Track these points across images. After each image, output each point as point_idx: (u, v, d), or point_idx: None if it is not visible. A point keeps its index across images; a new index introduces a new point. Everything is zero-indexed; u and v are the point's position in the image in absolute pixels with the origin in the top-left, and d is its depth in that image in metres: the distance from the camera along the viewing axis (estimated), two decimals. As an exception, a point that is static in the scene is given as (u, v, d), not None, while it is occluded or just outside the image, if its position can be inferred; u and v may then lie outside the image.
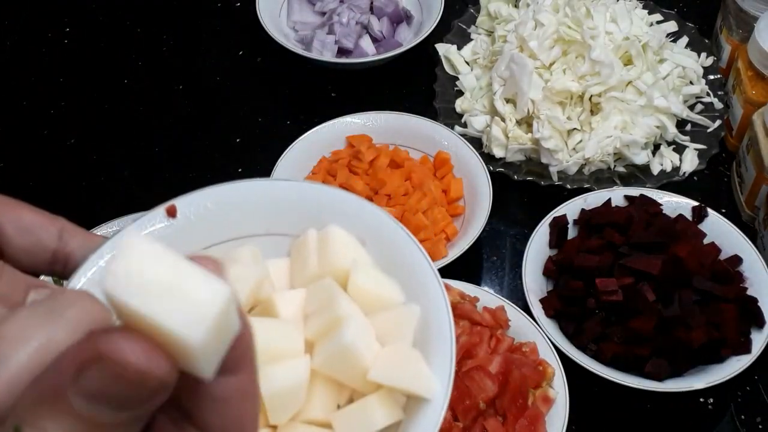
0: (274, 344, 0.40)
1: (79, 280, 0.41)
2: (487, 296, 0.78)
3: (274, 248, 0.45)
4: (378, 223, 0.45)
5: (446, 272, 0.81)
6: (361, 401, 0.40)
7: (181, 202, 0.45)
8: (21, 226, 0.40)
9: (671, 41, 1.02)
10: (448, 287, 0.77)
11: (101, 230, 0.84)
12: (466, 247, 0.82)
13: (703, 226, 0.83)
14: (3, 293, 0.36)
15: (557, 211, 0.84)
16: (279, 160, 0.90)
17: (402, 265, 0.43)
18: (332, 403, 0.41)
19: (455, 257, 0.82)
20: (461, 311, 0.75)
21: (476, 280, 0.87)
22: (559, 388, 0.72)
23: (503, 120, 0.94)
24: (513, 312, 0.76)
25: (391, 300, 0.42)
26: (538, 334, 0.75)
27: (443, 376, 0.40)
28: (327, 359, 0.40)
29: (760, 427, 0.77)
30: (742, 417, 0.77)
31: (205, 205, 0.45)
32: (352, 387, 0.41)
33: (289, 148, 0.91)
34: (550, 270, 0.81)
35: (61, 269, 0.41)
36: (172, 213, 0.44)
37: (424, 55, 1.06)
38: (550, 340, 0.74)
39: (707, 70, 1.00)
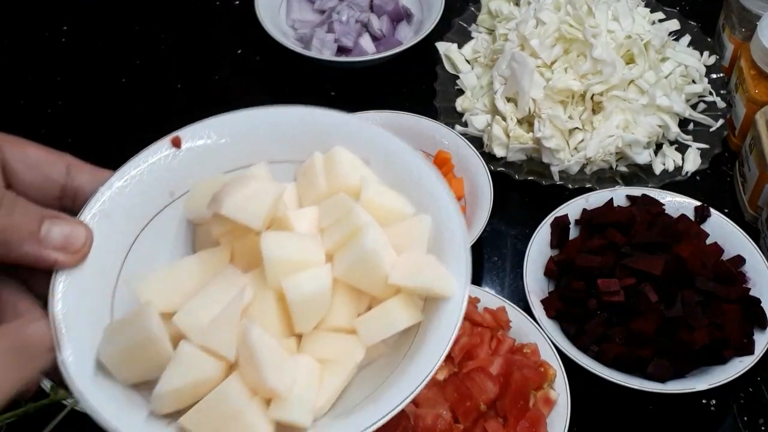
0: (296, 256, 0.41)
1: (90, 211, 0.42)
2: (487, 297, 0.77)
3: (279, 175, 0.47)
4: (382, 141, 0.47)
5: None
6: (382, 305, 0.42)
7: (185, 133, 0.46)
8: (28, 162, 0.41)
9: (673, 40, 1.01)
10: None
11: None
12: None
13: (706, 227, 0.82)
14: (18, 224, 0.38)
15: (559, 211, 0.83)
16: None
17: (409, 178, 0.46)
18: (354, 311, 0.43)
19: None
20: None
21: (477, 281, 0.86)
22: (561, 390, 0.71)
23: (504, 119, 0.93)
24: (514, 313, 0.76)
25: (402, 212, 0.44)
26: (539, 335, 0.74)
27: (460, 276, 0.42)
28: (348, 267, 0.42)
29: (762, 428, 0.76)
30: (745, 419, 0.77)
31: (209, 134, 0.46)
32: (372, 294, 0.43)
33: None
34: (551, 270, 0.80)
35: (71, 203, 0.43)
36: (177, 144, 0.46)
37: (425, 53, 1.06)
38: (551, 341, 0.74)
39: (710, 69, 1.00)
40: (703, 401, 0.78)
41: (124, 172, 0.44)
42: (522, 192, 0.93)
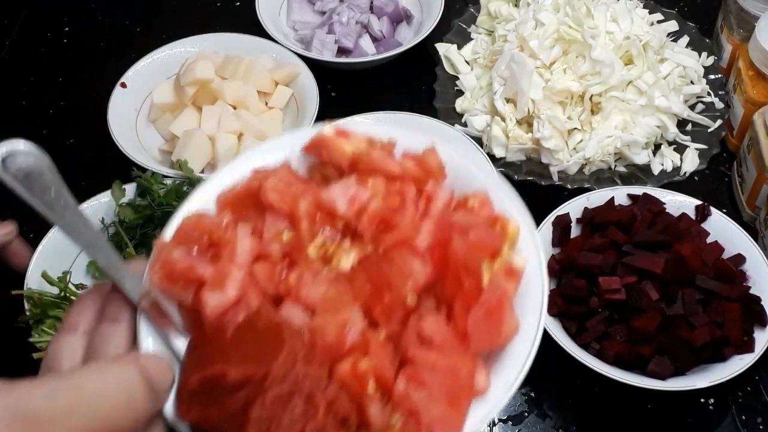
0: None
1: None
2: (409, 137, 0.53)
3: None
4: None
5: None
6: None
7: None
8: None
9: (672, 41, 1.02)
10: (347, 133, 0.53)
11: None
12: None
13: (707, 225, 0.82)
14: None
15: (560, 210, 0.84)
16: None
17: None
18: None
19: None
20: (367, 165, 0.50)
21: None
22: (530, 253, 0.48)
23: (503, 120, 0.94)
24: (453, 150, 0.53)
25: None
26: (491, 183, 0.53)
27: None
28: None
29: (761, 427, 0.77)
30: (743, 417, 0.77)
31: None
32: None
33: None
34: (552, 269, 0.81)
35: None
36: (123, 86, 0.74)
37: (424, 54, 1.06)
38: (552, 337, 0.74)
39: (708, 70, 1.00)
40: (702, 400, 0.78)
41: None
42: (521, 192, 0.92)
